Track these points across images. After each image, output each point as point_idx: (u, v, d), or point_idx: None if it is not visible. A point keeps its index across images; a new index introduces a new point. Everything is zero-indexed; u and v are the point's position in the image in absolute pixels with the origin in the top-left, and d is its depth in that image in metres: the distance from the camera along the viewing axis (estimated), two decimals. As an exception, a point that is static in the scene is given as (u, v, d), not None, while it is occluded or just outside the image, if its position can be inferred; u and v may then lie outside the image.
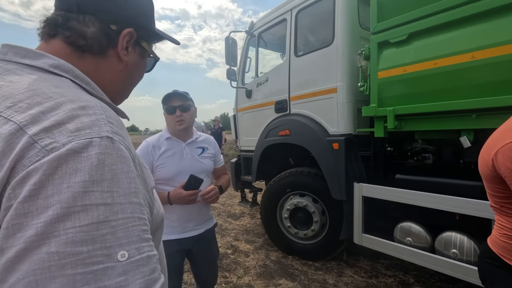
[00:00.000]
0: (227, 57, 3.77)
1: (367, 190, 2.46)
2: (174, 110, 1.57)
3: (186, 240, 1.63)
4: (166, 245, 1.61)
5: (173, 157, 1.59)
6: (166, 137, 1.63)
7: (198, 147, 1.70)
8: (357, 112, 2.73)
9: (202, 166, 1.66)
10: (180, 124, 1.58)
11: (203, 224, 1.71)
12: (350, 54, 2.72)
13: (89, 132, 0.38)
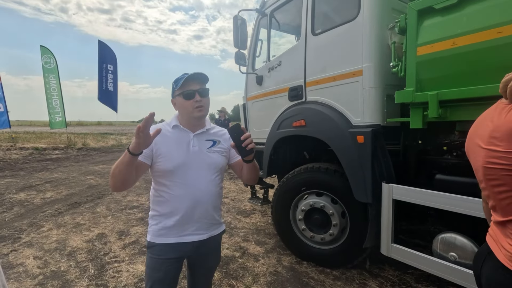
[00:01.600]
0: (235, 39, 3.37)
1: (399, 193, 2.06)
2: (194, 94, 1.34)
3: (184, 246, 1.38)
4: (160, 250, 1.28)
5: (177, 148, 1.36)
6: (173, 125, 1.40)
7: (209, 140, 1.45)
8: (387, 98, 2.29)
9: (210, 161, 1.41)
10: (199, 111, 1.36)
11: (207, 229, 1.43)
12: (380, 29, 2.28)
13: None
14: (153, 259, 1.37)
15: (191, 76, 1.35)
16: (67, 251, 3.14)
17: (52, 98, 12.72)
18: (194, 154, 1.38)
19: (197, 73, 1.36)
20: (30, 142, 13.40)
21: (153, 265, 1.38)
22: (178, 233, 1.37)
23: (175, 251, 1.37)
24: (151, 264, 1.38)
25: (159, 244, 1.35)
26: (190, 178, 1.34)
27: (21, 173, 7.54)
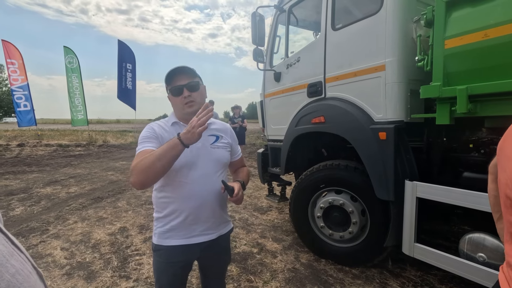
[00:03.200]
0: (253, 35, 3.37)
1: (424, 191, 2.00)
2: (181, 90, 1.27)
3: (191, 248, 1.32)
4: (167, 253, 1.25)
5: None
6: (172, 122, 1.34)
7: (211, 135, 1.38)
8: (411, 93, 2.23)
9: (215, 156, 1.35)
10: (190, 106, 1.28)
11: (216, 228, 1.38)
12: (403, 23, 2.21)
13: None
14: (160, 262, 1.33)
15: (174, 70, 1.27)
16: (91, 243, 3.27)
17: (75, 97, 13.20)
18: (197, 151, 1.30)
19: (179, 66, 1.28)
20: (55, 139, 13.98)
21: (161, 269, 1.33)
22: (186, 234, 1.30)
23: (182, 253, 1.31)
24: (159, 267, 1.33)
25: (166, 246, 1.30)
26: (195, 177, 1.28)
27: (47, 169, 7.89)
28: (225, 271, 1.59)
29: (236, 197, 1.27)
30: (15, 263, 0.41)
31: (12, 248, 0.43)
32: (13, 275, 0.40)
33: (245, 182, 1.44)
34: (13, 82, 11.87)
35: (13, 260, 0.41)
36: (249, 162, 8.99)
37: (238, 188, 1.29)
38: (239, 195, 1.28)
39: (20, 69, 11.90)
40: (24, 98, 12.04)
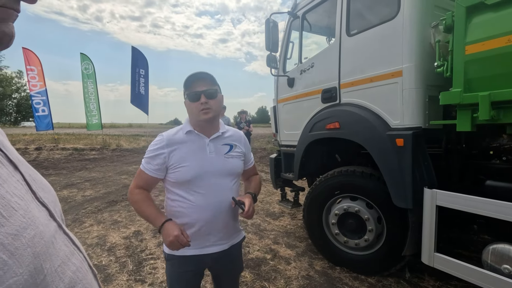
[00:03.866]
0: (267, 42, 3.40)
1: (444, 199, 1.95)
2: (199, 96, 1.25)
3: (203, 257, 1.32)
4: (180, 262, 1.26)
5: (194, 155, 1.28)
6: (186, 131, 1.32)
7: (225, 144, 1.37)
8: (429, 99, 2.19)
9: (230, 167, 1.34)
10: (205, 113, 1.26)
11: (228, 238, 1.37)
12: (421, 28, 2.18)
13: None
14: (173, 271, 1.34)
15: (194, 76, 1.27)
16: (107, 247, 3.32)
17: (90, 102, 13.55)
18: (212, 161, 1.29)
19: (200, 72, 1.27)
20: (70, 143, 14.35)
21: (174, 277, 1.34)
22: (199, 244, 1.30)
23: (194, 263, 1.31)
24: (171, 276, 1.35)
25: (178, 256, 1.30)
26: (210, 187, 1.27)
27: (63, 172, 8.10)
28: (238, 279, 1.57)
29: (247, 214, 1.26)
30: (75, 261, 0.44)
31: (73, 248, 0.46)
32: (74, 272, 0.43)
33: (256, 193, 1.45)
34: (32, 88, 12.30)
35: (74, 259, 0.44)
36: (260, 167, 8.98)
37: (249, 203, 1.28)
38: (250, 211, 1.27)
39: (39, 75, 12.32)
40: (42, 103, 12.44)
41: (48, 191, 0.49)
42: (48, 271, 0.37)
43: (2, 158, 0.40)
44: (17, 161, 0.43)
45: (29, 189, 0.42)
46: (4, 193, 0.35)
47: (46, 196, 0.46)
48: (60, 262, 0.41)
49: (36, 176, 0.48)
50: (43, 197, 0.45)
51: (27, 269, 0.33)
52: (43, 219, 0.41)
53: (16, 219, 0.35)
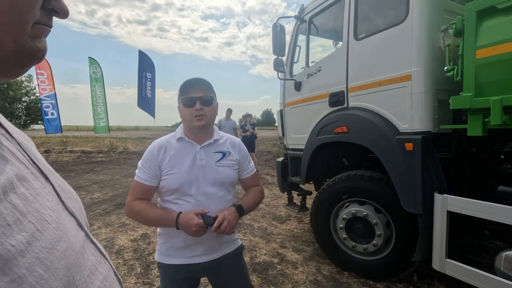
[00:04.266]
0: (274, 46, 3.41)
1: (455, 204, 1.93)
2: (194, 102, 1.23)
3: (194, 267, 1.29)
4: (170, 271, 1.26)
5: (183, 163, 1.25)
6: (177, 137, 1.30)
7: (218, 152, 1.33)
8: (439, 104, 2.18)
9: (218, 176, 1.28)
10: (199, 120, 1.24)
11: (218, 248, 1.32)
12: (430, 32, 2.18)
13: None
14: (164, 279, 1.32)
15: (190, 81, 1.25)
16: (115, 249, 3.35)
17: (98, 105, 13.73)
18: (201, 169, 1.26)
19: (196, 78, 1.25)
20: (78, 146, 14.55)
21: (166, 285, 1.33)
22: (187, 253, 1.28)
23: (184, 272, 1.29)
24: (164, 283, 1.34)
25: (167, 265, 1.29)
26: (198, 196, 1.25)
27: (72, 174, 8.21)
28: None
29: (219, 230, 1.17)
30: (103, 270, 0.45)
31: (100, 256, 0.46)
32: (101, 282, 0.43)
33: (245, 205, 1.34)
34: (41, 91, 12.52)
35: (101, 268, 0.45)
36: (266, 170, 8.98)
37: (222, 217, 1.19)
38: (223, 226, 1.17)
39: (49, 79, 12.54)
40: (51, 106, 12.66)
41: (75, 200, 0.50)
42: (79, 282, 0.38)
43: (35, 170, 0.40)
44: (47, 171, 0.44)
45: (59, 199, 0.43)
46: (38, 206, 0.36)
47: (74, 205, 0.47)
48: (89, 273, 0.41)
49: (64, 185, 0.49)
50: (72, 206, 0.45)
51: (61, 282, 0.34)
52: (73, 229, 0.42)
53: (50, 232, 0.35)
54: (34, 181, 0.38)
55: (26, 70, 0.40)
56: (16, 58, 0.36)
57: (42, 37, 0.39)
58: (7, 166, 0.34)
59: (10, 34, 0.34)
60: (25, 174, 0.37)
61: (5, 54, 0.35)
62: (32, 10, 0.36)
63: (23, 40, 0.36)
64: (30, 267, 0.31)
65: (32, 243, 0.32)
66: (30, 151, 0.43)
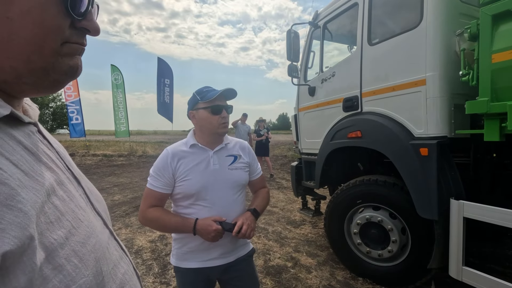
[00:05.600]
0: (288, 52, 3.47)
1: (472, 211, 1.89)
2: (221, 110, 1.31)
3: (210, 270, 1.33)
4: (187, 274, 1.31)
5: (197, 168, 1.30)
6: (190, 144, 1.34)
7: (229, 155, 1.38)
8: (455, 108, 2.15)
9: (234, 179, 1.34)
10: (224, 127, 1.32)
11: (232, 252, 1.36)
12: (445, 36, 2.16)
13: None
14: (181, 282, 1.36)
15: (225, 92, 1.30)
16: (134, 249, 3.48)
17: (119, 110, 14.27)
18: (215, 173, 1.31)
19: (230, 89, 1.31)
20: (100, 150, 15.13)
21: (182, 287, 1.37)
22: (203, 257, 1.31)
23: (201, 275, 1.33)
24: (181, 286, 1.37)
25: (184, 268, 1.32)
26: (213, 200, 1.29)
27: (94, 177, 8.56)
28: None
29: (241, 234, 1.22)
30: (124, 265, 0.52)
31: (121, 252, 0.53)
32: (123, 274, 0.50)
33: (259, 208, 1.40)
34: (67, 98, 13.18)
35: (122, 262, 0.52)
36: (281, 174, 8.98)
37: (241, 222, 1.24)
38: (244, 231, 1.23)
39: (74, 86, 13.19)
40: (76, 112, 13.29)
41: (101, 202, 0.57)
42: (105, 273, 0.44)
43: (69, 175, 0.48)
44: (79, 176, 0.51)
45: (88, 201, 0.50)
46: (73, 207, 0.42)
47: (100, 206, 0.54)
48: (113, 265, 0.47)
49: (93, 189, 0.56)
50: (98, 207, 0.52)
51: (91, 271, 0.40)
52: (100, 227, 0.48)
53: (82, 229, 0.42)
54: (69, 185, 0.45)
55: (63, 86, 0.43)
56: (47, 75, 0.39)
57: (74, 54, 0.42)
58: (50, 173, 0.41)
59: (38, 52, 0.37)
60: (63, 179, 0.44)
61: (36, 71, 0.38)
62: (59, 30, 0.38)
63: (53, 58, 0.39)
64: (68, 258, 0.37)
65: (69, 238, 0.38)
66: (66, 158, 0.51)
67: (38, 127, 0.45)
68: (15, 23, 0.34)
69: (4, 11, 0.33)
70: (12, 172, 0.34)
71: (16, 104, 0.43)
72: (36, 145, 0.42)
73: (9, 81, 0.38)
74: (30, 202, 0.33)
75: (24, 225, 0.31)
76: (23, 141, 0.39)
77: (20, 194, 0.33)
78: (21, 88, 0.40)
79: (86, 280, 0.38)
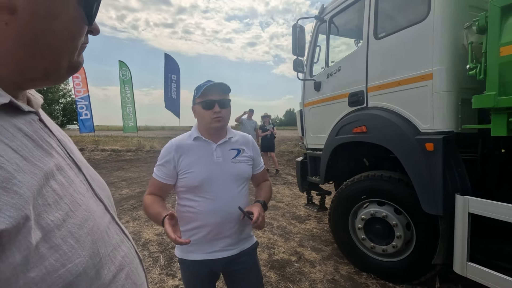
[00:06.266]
0: (294, 47, 3.45)
1: (477, 206, 1.87)
2: (213, 105, 1.30)
3: (214, 262, 1.35)
4: (191, 266, 1.34)
5: (201, 161, 1.31)
6: (194, 137, 1.36)
7: (232, 149, 1.39)
8: (462, 103, 2.12)
9: (237, 172, 1.36)
10: (218, 121, 1.31)
11: (236, 244, 1.37)
12: (453, 29, 2.12)
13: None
14: (186, 274, 1.38)
15: (212, 85, 1.30)
16: (141, 242, 3.56)
17: (127, 106, 14.44)
18: (218, 166, 1.32)
19: (218, 83, 1.31)
20: (109, 145, 15.37)
21: (188, 279, 1.39)
22: (208, 249, 1.33)
23: (204, 267, 1.35)
24: (185, 278, 1.40)
25: (188, 260, 1.34)
26: (217, 192, 1.30)
27: (103, 172, 8.71)
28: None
29: (256, 224, 1.24)
30: (124, 248, 0.54)
31: (123, 236, 0.56)
32: (123, 257, 0.52)
33: (266, 200, 1.42)
34: (76, 93, 13.41)
35: (123, 246, 0.54)
36: (287, 170, 8.99)
37: (258, 213, 1.25)
38: (259, 220, 1.24)
39: (83, 82, 13.39)
40: (85, 107, 13.50)
41: (104, 188, 0.59)
42: (103, 255, 0.46)
43: (70, 162, 0.50)
44: (80, 163, 0.53)
45: (89, 187, 0.52)
46: (72, 191, 0.45)
47: (102, 193, 0.56)
48: (112, 248, 0.50)
49: (95, 176, 0.58)
50: (100, 193, 0.55)
51: (87, 252, 0.42)
52: (100, 212, 0.50)
53: (80, 213, 0.44)
54: (70, 171, 0.48)
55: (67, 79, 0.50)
56: (67, 72, 0.46)
57: (82, 53, 0.49)
58: (49, 158, 0.43)
59: (68, 57, 0.44)
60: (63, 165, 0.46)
61: (61, 70, 0.45)
62: (83, 37, 0.46)
63: (74, 59, 0.46)
64: (64, 238, 0.39)
65: (66, 220, 0.40)
66: (67, 146, 0.53)
67: (39, 115, 0.48)
68: (57, 35, 0.41)
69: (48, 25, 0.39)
70: (10, 157, 0.36)
71: (20, 94, 0.46)
72: (36, 132, 0.44)
73: (35, 79, 0.44)
74: (26, 185, 0.35)
75: (20, 206, 0.33)
76: (23, 128, 0.41)
77: (16, 177, 0.35)
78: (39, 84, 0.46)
79: (82, 260, 0.40)
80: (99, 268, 0.45)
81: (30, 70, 0.42)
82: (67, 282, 0.38)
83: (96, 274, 0.44)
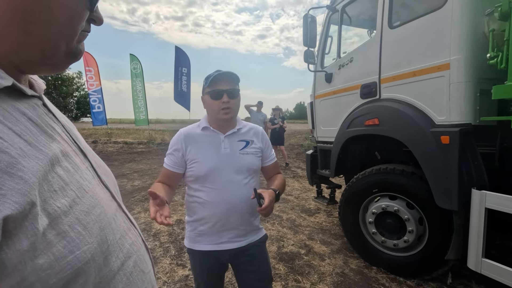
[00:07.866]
0: (305, 37, 3.38)
1: (495, 201, 1.81)
2: (221, 95, 1.27)
3: (221, 253, 1.35)
4: (199, 256, 1.34)
5: (208, 151, 1.31)
6: (203, 127, 1.36)
7: (241, 140, 1.37)
8: (481, 94, 2.03)
9: (245, 163, 1.33)
10: (226, 113, 1.29)
11: (245, 236, 1.37)
12: (473, 16, 2.02)
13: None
14: (194, 264, 1.40)
15: (220, 75, 1.27)
16: (152, 232, 3.62)
17: (138, 99, 14.60)
18: (226, 157, 1.31)
19: (227, 72, 1.28)
20: (121, 137, 15.64)
21: (196, 269, 1.41)
22: (215, 240, 1.33)
23: (212, 257, 1.35)
24: (194, 267, 1.41)
25: (196, 251, 1.35)
26: (224, 183, 1.29)
27: (115, 163, 8.90)
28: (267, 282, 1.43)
29: (264, 210, 1.19)
30: (132, 236, 0.54)
31: (130, 224, 0.55)
32: (130, 245, 0.52)
33: (280, 190, 1.37)
34: (89, 87, 13.63)
35: (130, 234, 0.54)
36: (297, 163, 8.94)
37: (269, 199, 1.20)
38: (268, 208, 1.19)
39: (96, 75, 13.59)
40: (98, 100, 13.73)
41: (109, 176, 0.59)
42: (111, 242, 0.46)
43: (75, 148, 0.49)
44: (86, 150, 0.53)
45: (95, 174, 0.51)
46: (78, 178, 0.44)
47: (109, 180, 0.56)
48: (120, 236, 0.49)
49: (100, 163, 0.58)
50: (106, 181, 0.54)
51: (95, 239, 0.41)
52: (107, 199, 0.50)
53: (87, 200, 0.43)
54: (75, 157, 0.47)
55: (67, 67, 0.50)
56: (66, 58, 0.45)
57: (83, 41, 0.47)
58: (54, 144, 0.42)
59: (65, 40, 0.43)
60: (68, 151, 0.46)
61: (59, 55, 0.44)
62: (82, 21, 0.44)
63: (73, 44, 0.45)
64: (72, 225, 0.38)
65: (73, 207, 0.40)
66: (72, 132, 0.53)
67: (43, 100, 0.47)
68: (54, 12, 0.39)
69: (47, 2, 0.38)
70: (14, 141, 0.35)
71: (22, 79, 0.45)
72: (41, 117, 0.43)
73: (33, 61, 0.42)
74: (31, 170, 0.35)
75: (25, 191, 0.33)
76: (27, 112, 0.40)
77: (21, 162, 0.34)
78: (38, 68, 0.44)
79: (90, 247, 0.40)
80: (107, 255, 0.44)
81: (26, 49, 0.40)
82: (76, 269, 0.37)
83: (104, 261, 0.43)
